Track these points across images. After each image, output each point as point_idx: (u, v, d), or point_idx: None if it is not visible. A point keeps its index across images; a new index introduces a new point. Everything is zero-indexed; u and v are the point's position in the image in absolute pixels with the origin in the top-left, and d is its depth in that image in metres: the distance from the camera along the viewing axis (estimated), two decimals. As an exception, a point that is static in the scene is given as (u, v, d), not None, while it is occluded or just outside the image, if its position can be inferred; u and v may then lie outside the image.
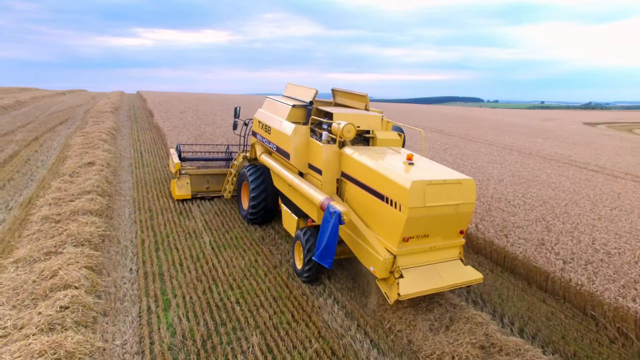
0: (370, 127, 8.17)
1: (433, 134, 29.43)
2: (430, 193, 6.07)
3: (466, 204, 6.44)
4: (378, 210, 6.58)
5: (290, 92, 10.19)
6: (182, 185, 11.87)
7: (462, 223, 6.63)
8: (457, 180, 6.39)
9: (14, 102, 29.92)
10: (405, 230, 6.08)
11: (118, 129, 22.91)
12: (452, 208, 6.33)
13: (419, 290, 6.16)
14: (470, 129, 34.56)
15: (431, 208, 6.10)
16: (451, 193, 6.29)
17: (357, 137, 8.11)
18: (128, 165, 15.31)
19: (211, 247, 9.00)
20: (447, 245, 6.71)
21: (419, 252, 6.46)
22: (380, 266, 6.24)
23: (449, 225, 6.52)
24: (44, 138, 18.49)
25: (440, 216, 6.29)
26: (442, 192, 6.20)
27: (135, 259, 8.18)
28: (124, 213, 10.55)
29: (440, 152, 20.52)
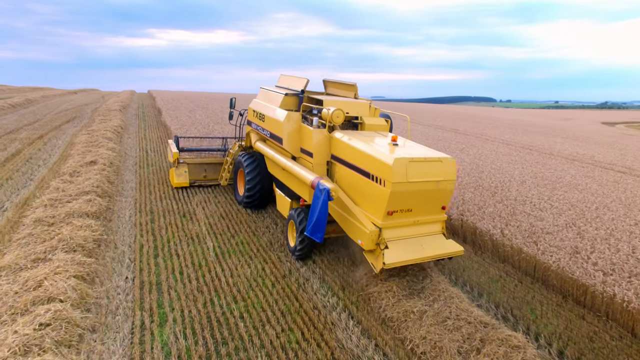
0: (358, 114, 8.75)
1: (448, 133, 28.48)
2: (412, 169, 6.56)
3: (446, 181, 6.93)
4: (365, 188, 7.08)
5: (283, 83, 10.51)
6: (180, 173, 12.37)
7: (443, 199, 7.12)
8: (437, 159, 6.92)
9: (24, 100, 29.74)
10: (389, 204, 6.59)
11: (125, 127, 22.46)
12: (434, 184, 6.81)
13: (402, 260, 6.63)
14: (486, 129, 33.50)
15: (413, 184, 6.61)
16: (432, 170, 6.79)
17: (347, 123, 8.70)
18: (132, 164, 14.76)
19: (215, 253, 8.33)
20: (430, 220, 7.22)
21: (403, 226, 6.98)
22: (367, 238, 6.73)
23: (431, 201, 7.01)
24: (49, 136, 18.07)
25: (422, 192, 6.79)
26: (424, 169, 6.69)
27: (132, 266, 7.55)
28: (124, 215, 9.95)
29: (457, 152, 19.64)
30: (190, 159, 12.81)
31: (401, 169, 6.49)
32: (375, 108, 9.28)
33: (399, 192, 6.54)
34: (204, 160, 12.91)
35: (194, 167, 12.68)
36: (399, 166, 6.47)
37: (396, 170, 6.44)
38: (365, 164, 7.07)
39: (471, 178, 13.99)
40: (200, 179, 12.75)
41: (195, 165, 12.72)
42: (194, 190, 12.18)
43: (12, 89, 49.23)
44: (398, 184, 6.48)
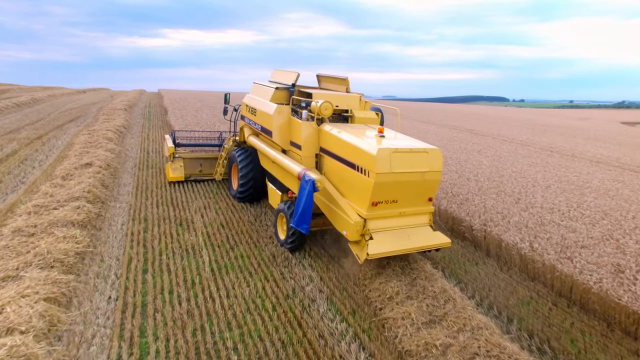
0: (349, 107, 8.76)
1: (464, 134, 27.34)
2: (396, 160, 6.55)
3: (432, 172, 6.91)
4: (350, 179, 7.10)
5: (275, 77, 10.48)
6: (176, 168, 12.49)
7: (430, 190, 7.14)
8: (423, 149, 6.91)
9: (29, 99, 29.35)
10: (373, 194, 6.59)
11: (129, 127, 21.82)
12: (419, 175, 6.78)
13: (386, 251, 6.62)
14: (502, 129, 32.24)
15: (398, 174, 6.58)
16: (417, 161, 6.76)
17: (337, 116, 8.73)
18: (132, 166, 14.03)
19: (211, 268, 7.49)
20: (416, 211, 7.21)
21: (389, 217, 6.96)
22: (352, 229, 6.74)
23: (416, 192, 7.00)
24: (49, 136, 17.47)
25: (408, 183, 6.76)
26: (409, 159, 6.67)
27: (118, 284, 6.74)
28: (116, 223, 9.18)
29: (474, 154, 18.57)
30: (185, 154, 12.91)
31: (385, 160, 6.49)
32: (365, 101, 9.29)
33: (383, 182, 6.54)
34: (200, 155, 13.07)
35: (189, 161, 12.83)
36: (382, 157, 6.47)
37: (380, 160, 6.45)
38: (350, 155, 7.10)
39: (492, 183, 12.97)
40: (195, 173, 12.91)
41: (190, 159, 12.87)
42: (193, 195, 11.39)
43: (22, 88, 49.23)
44: (382, 175, 6.49)
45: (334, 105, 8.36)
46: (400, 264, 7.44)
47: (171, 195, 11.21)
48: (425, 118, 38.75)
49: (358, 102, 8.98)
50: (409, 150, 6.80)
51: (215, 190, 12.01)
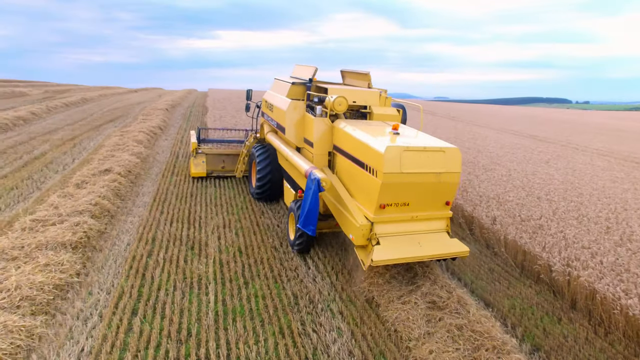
0: (367, 103, 8.36)
1: (526, 140, 24.39)
2: (407, 159, 6.09)
3: (449, 174, 6.37)
4: (359, 178, 6.73)
5: (296, 73, 10.13)
6: (198, 163, 12.45)
7: (447, 194, 6.58)
8: (439, 148, 6.36)
9: (79, 99, 29.90)
10: (380, 196, 6.16)
11: (165, 128, 21.20)
12: (434, 177, 6.28)
13: (393, 258, 6.12)
14: (571, 135, 28.70)
15: (409, 175, 6.11)
16: (432, 161, 6.25)
17: (355, 113, 8.42)
18: (157, 172, 13.03)
19: (215, 312, 6.02)
20: (431, 216, 6.68)
21: (399, 221, 6.47)
22: (358, 232, 6.29)
23: (431, 195, 6.47)
24: (83, 137, 17.02)
25: (421, 184, 6.28)
26: (422, 159, 6.19)
27: (96, 330, 5.43)
28: (121, 243, 8.00)
29: (542, 165, 15.97)
30: (208, 149, 12.81)
31: (394, 158, 6.06)
32: (386, 97, 8.81)
33: (391, 183, 6.11)
34: (223, 151, 12.94)
35: (212, 157, 12.74)
36: (391, 155, 6.04)
37: (388, 159, 6.02)
38: (359, 152, 6.74)
39: (569, 204, 10.60)
40: (218, 169, 12.82)
41: (213, 155, 12.77)
42: (215, 210, 10.06)
43: (81, 88, 51.37)
44: (390, 175, 6.05)
45: (351, 101, 8.07)
46: (456, 322, 5.59)
47: (189, 209, 9.94)
48: (481, 121, 35.68)
49: (378, 98, 8.53)
50: (422, 149, 6.26)
51: (241, 204, 10.63)
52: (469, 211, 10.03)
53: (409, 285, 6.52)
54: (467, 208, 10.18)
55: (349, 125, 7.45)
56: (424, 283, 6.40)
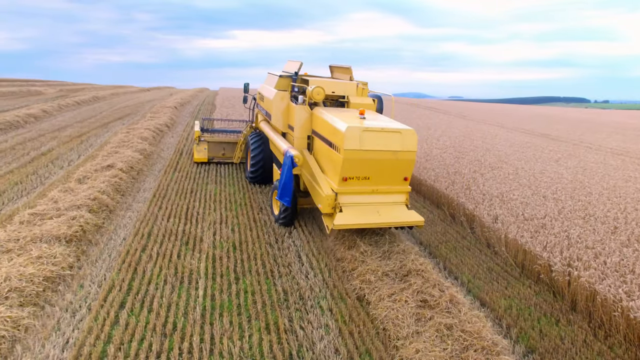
0: (345, 93, 9.32)
1: (538, 139, 23.89)
2: (366, 138, 7.01)
3: (405, 152, 7.27)
4: (328, 155, 7.70)
5: (286, 67, 10.83)
6: (201, 150, 13.86)
7: (404, 170, 7.49)
8: (396, 129, 7.28)
9: (91, 97, 30.35)
10: (343, 170, 7.13)
11: (173, 125, 21.36)
12: (391, 154, 7.18)
13: (352, 223, 7.14)
14: (585, 134, 28.03)
15: (368, 152, 7.05)
16: (389, 140, 7.15)
17: (334, 102, 9.35)
18: (160, 168, 13.10)
19: (203, 307, 5.98)
20: (391, 190, 7.56)
21: (361, 193, 7.40)
22: (324, 202, 7.29)
23: (390, 171, 7.37)
24: (90, 134, 17.24)
25: (379, 161, 7.20)
26: (380, 139, 7.11)
27: (83, 323, 5.44)
28: (117, 237, 8.03)
29: (552, 164, 15.58)
30: (210, 138, 14.15)
31: (354, 137, 6.94)
32: (363, 88, 9.64)
33: (352, 159, 7.03)
34: (223, 139, 14.24)
35: (213, 145, 14.00)
36: (351, 133, 6.94)
37: (348, 137, 6.92)
38: (328, 133, 7.71)
39: (576, 203, 10.29)
40: (219, 156, 14.06)
41: (215, 143, 14.02)
42: (213, 205, 10.05)
43: (95, 87, 52.21)
44: (351, 151, 6.96)
45: (330, 91, 9.07)
46: (446, 321, 5.44)
47: (188, 205, 9.95)
48: (493, 120, 35.11)
49: (355, 89, 9.45)
50: (380, 129, 7.16)
51: (240, 200, 10.60)
52: (470, 209, 9.82)
53: (401, 282, 6.39)
54: (468, 206, 9.97)
55: (324, 111, 8.39)
56: (416, 281, 6.26)
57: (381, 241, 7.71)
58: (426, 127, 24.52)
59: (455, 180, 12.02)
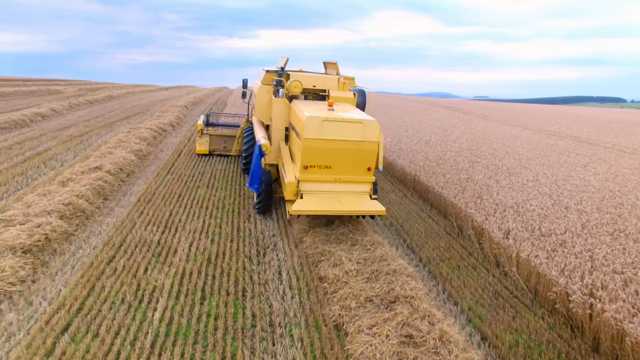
0: (326, 87, 9.59)
1: (565, 141, 22.29)
2: (327, 128, 7.29)
3: (367, 142, 7.51)
4: (294, 144, 8.20)
5: (280, 64, 10.78)
6: (202, 142, 14.62)
7: (367, 160, 7.71)
8: (357, 120, 7.51)
9: (105, 96, 30.39)
10: (304, 158, 7.45)
11: (179, 125, 20.92)
12: (352, 144, 7.44)
13: (310, 210, 7.45)
14: (619, 136, 26.07)
15: (328, 141, 7.33)
16: (350, 130, 7.41)
17: (316, 96, 9.66)
18: (153, 170, 12.54)
19: (155, 334, 5.24)
20: (354, 179, 7.82)
21: (323, 181, 7.69)
22: (287, 189, 7.66)
23: (352, 161, 7.62)
24: (93, 134, 16.91)
25: (340, 150, 7.45)
26: (340, 128, 7.37)
27: (14, 351, 4.79)
28: (87, 247, 7.42)
29: (578, 169, 14.20)
30: (212, 131, 14.83)
31: (314, 126, 7.21)
32: (344, 83, 10.02)
33: (312, 147, 7.30)
34: (224, 133, 14.88)
35: (215, 138, 14.72)
36: (311, 123, 7.21)
37: (308, 126, 7.20)
38: (295, 122, 8.09)
39: (604, 216, 9.08)
40: (220, 148, 14.77)
41: (216, 136, 14.74)
42: (198, 211, 9.36)
43: (116, 86, 52.85)
44: (311, 140, 7.24)
45: (310, 85, 9.47)
46: None
47: (172, 211, 9.29)
48: (516, 121, 33.37)
49: (336, 83, 9.78)
50: (341, 119, 7.37)
51: (229, 206, 9.88)
52: (479, 222, 8.77)
53: (386, 311, 5.48)
54: (477, 218, 8.92)
55: (298, 103, 8.65)
56: (403, 310, 5.34)
57: (370, 258, 6.81)
58: (442, 128, 23.29)
59: (467, 188, 10.95)
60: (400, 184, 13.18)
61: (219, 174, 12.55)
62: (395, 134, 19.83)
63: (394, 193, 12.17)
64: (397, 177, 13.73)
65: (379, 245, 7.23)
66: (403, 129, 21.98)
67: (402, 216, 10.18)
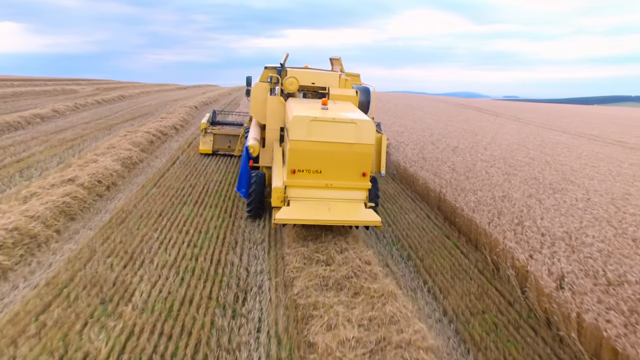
0: (326, 84, 9.35)
1: (612, 148, 19.77)
2: (316, 129, 6.81)
3: (361, 145, 6.97)
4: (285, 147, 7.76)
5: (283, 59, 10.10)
6: (206, 141, 14.20)
7: (362, 164, 7.12)
8: (350, 120, 7.00)
9: (116, 96, 29.38)
10: (291, 161, 6.98)
11: (183, 127, 19.57)
12: (345, 147, 6.93)
13: (295, 218, 6.85)
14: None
15: (318, 143, 6.84)
16: (342, 132, 6.90)
17: (315, 94, 9.51)
18: (140, 181, 11.11)
19: None
20: (347, 185, 7.22)
21: (312, 187, 7.15)
22: (273, 194, 7.12)
23: (345, 165, 7.06)
24: (88, 137, 15.66)
25: (332, 153, 6.95)
26: (331, 129, 6.86)
27: None
28: (25, 288, 5.96)
29: (637, 184, 11.94)
30: (216, 130, 14.48)
31: (301, 127, 6.82)
32: (346, 80, 9.60)
33: (300, 150, 6.88)
34: (228, 132, 14.48)
35: (219, 137, 14.30)
36: (298, 123, 6.84)
37: (295, 127, 6.85)
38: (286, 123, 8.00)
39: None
40: (224, 148, 14.23)
41: (220, 135, 14.32)
42: (177, 236, 7.80)
43: (135, 85, 52.57)
44: (298, 142, 6.84)
45: (309, 82, 9.18)
46: None
47: (143, 237, 7.76)
48: (553, 123, 30.68)
49: (337, 80, 9.36)
50: (331, 120, 6.91)
51: (213, 230, 8.29)
52: (522, 260, 6.85)
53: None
54: (519, 254, 7.00)
55: (293, 101, 8.32)
56: None
57: (378, 319, 5.07)
58: (472, 133, 21.13)
59: (503, 210, 8.99)
60: (423, 202, 11.27)
61: (213, 187, 11.00)
62: (419, 139, 17.87)
63: (414, 213, 10.30)
64: (419, 193, 11.81)
65: (390, 298, 5.47)
66: (428, 133, 19.97)
67: (424, 246, 8.35)
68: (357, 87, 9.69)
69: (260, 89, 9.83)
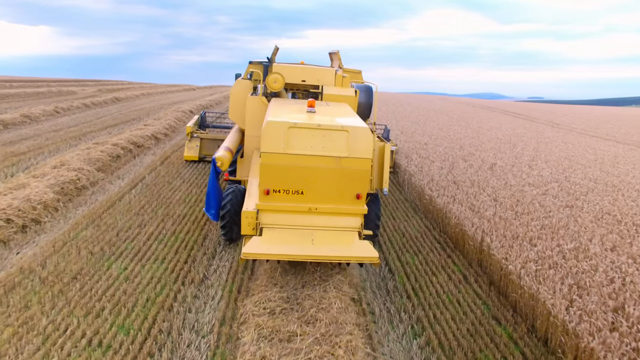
0: (319, 82, 8.10)
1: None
2: (295, 138, 5.43)
3: (355, 159, 5.53)
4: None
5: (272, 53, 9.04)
6: (192, 147, 12.72)
7: (355, 184, 5.65)
8: (340, 127, 5.58)
9: (110, 98, 26.98)
10: (263, 179, 5.56)
11: (169, 135, 17.04)
12: (333, 161, 5.50)
13: (266, 253, 5.30)
14: None
15: (297, 157, 5.43)
16: (330, 142, 5.50)
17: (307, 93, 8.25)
18: (75, 215, 8.44)
19: None
20: (336, 210, 5.78)
21: (292, 212, 5.70)
22: (243, 220, 5.71)
23: (334, 185, 5.63)
24: (47, 149, 13.05)
25: (316, 170, 5.52)
26: (316, 139, 5.48)
27: None
28: None
29: None
30: (203, 134, 12.92)
31: (276, 136, 5.38)
32: (343, 77, 8.35)
33: (273, 165, 5.44)
34: (217, 136, 12.83)
35: (207, 142, 12.72)
36: (272, 131, 5.41)
37: (268, 135, 5.40)
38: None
39: None
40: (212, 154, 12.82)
41: (208, 140, 12.74)
42: (76, 322, 5.07)
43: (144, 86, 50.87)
44: (270, 155, 5.42)
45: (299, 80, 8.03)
46: None
47: (23, 323, 5.03)
48: (599, 130, 26.99)
49: (333, 78, 8.15)
50: (316, 126, 5.50)
51: (140, 309, 5.52)
52: None
53: None
54: None
55: (274, 103, 7.16)
56: None
57: None
58: (508, 144, 17.85)
59: (584, 279, 5.90)
60: (457, 252, 8.11)
61: (172, 224, 8.19)
62: (447, 153, 14.74)
63: (445, 273, 7.17)
64: (452, 238, 8.49)
65: None
66: (457, 145, 16.80)
67: (461, 341, 5.35)
68: (357, 86, 8.37)
69: (241, 88, 8.35)
